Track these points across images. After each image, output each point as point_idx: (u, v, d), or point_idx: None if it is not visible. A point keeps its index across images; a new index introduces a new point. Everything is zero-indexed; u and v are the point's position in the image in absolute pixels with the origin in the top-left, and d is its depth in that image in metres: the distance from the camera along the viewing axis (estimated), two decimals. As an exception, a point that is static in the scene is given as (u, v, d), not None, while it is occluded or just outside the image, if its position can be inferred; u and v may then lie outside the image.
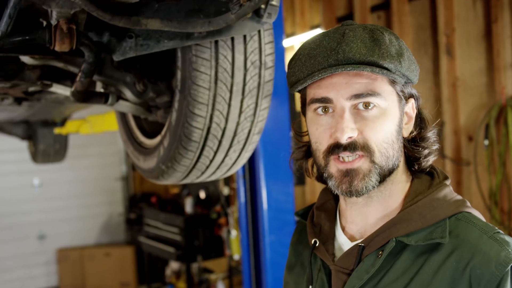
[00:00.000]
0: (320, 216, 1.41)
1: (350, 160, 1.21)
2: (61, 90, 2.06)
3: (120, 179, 9.34)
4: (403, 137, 1.29)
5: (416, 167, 1.31)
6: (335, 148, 1.21)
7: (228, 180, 6.19)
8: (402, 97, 1.25)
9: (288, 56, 6.41)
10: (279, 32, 3.65)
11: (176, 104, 1.89)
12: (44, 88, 1.98)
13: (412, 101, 1.29)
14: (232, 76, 1.80)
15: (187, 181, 2.11)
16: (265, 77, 1.87)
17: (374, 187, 1.23)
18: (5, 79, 1.86)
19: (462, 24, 4.42)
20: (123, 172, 9.42)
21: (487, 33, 4.31)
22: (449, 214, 1.21)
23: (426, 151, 1.30)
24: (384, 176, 1.23)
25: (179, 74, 1.85)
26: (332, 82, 1.20)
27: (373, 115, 1.20)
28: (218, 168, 2.05)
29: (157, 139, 2.14)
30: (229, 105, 1.85)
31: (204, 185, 7.39)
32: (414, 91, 1.30)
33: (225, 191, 6.41)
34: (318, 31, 5.87)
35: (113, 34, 1.74)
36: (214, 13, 1.64)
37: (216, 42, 1.76)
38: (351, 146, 1.19)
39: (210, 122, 1.85)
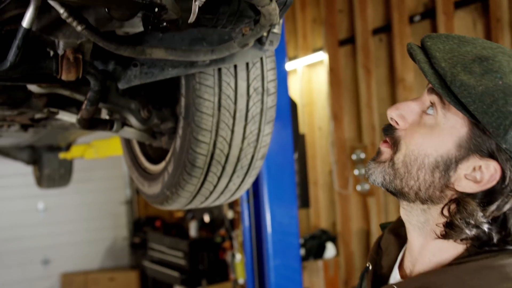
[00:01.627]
0: (390, 240, 1.29)
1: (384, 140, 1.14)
2: (67, 117, 2.09)
3: (125, 203, 9.36)
4: (456, 190, 1.05)
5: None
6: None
7: (233, 204, 6.19)
8: (474, 146, 1.01)
9: (290, 80, 6.48)
10: (281, 56, 3.69)
11: (180, 131, 1.91)
12: (51, 116, 2.01)
13: (492, 164, 1.00)
14: (235, 103, 1.84)
15: (191, 206, 2.13)
16: (268, 103, 1.90)
17: (377, 182, 1.12)
18: (13, 107, 1.89)
19: (463, 46, 4.45)
20: (128, 196, 9.44)
21: (488, 55, 4.35)
22: None
23: (468, 230, 1.03)
24: (395, 188, 1.11)
25: (183, 101, 1.88)
26: None
27: (425, 122, 1.07)
28: (222, 193, 2.07)
29: (162, 165, 2.16)
30: (233, 131, 1.87)
31: (208, 209, 7.39)
32: (503, 157, 0.99)
33: (230, 214, 6.41)
34: (321, 54, 5.93)
35: (118, 62, 1.77)
36: (217, 41, 1.68)
37: (219, 69, 1.80)
38: (387, 128, 1.13)
39: (213, 148, 1.87)
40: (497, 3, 4.10)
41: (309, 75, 6.36)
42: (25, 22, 1.35)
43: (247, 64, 1.83)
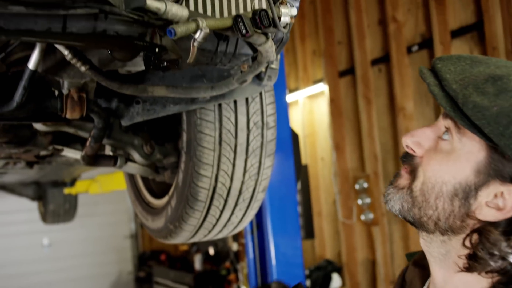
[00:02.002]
0: (414, 272, 1.22)
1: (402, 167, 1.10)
2: (72, 154, 2.13)
3: (129, 237, 9.35)
4: (478, 218, 0.99)
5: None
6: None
7: (237, 236, 6.19)
8: (493, 171, 0.96)
9: (291, 112, 6.54)
10: (282, 89, 3.75)
11: (182, 165, 1.95)
12: (56, 153, 2.05)
13: None
14: (236, 137, 1.88)
15: (194, 239, 2.15)
16: (268, 136, 1.94)
17: (394, 208, 1.07)
18: (19, 145, 1.94)
19: (461, 75, 4.51)
20: (132, 230, 9.44)
21: (486, 83, 4.39)
22: None
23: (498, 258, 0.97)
24: (413, 217, 1.06)
25: (184, 136, 1.92)
26: None
27: (441, 148, 1.02)
28: (224, 226, 2.09)
29: (165, 199, 2.19)
30: (234, 165, 1.91)
31: (213, 242, 7.38)
32: None
33: (234, 247, 6.40)
34: (322, 86, 6.00)
35: (121, 100, 1.82)
36: (217, 78, 1.72)
37: (220, 104, 1.84)
38: (405, 156, 1.09)
39: (215, 182, 1.91)
40: (492, 32, 4.17)
41: (310, 106, 6.42)
42: (31, 64, 1.40)
43: (247, 99, 1.87)
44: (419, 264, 1.21)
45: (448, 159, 1.00)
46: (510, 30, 4.03)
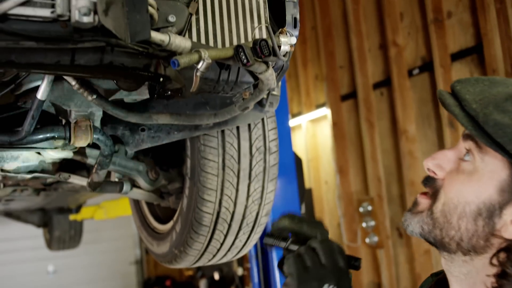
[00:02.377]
0: None
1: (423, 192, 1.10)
2: (78, 181, 2.17)
3: (134, 263, 9.33)
4: (504, 237, 0.99)
5: None
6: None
7: (242, 260, 6.19)
8: None
9: (295, 136, 6.58)
10: (284, 114, 3.79)
11: (186, 191, 1.99)
12: (63, 180, 2.09)
13: None
14: (239, 162, 1.91)
15: (199, 264, 2.18)
16: (270, 161, 1.98)
17: (415, 232, 1.07)
18: (28, 172, 1.98)
19: (462, 97, 4.55)
20: (137, 255, 9.42)
21: (487, 105, 4.43)
22: None
23: None
24: (434, 238, 1.06)
25: (188, 162, 1.96)
26: None
27: (463, 169, 1.02)
28: (229, 250, 2.12)
29: (170, 224, 2.23)
30: (237, 190, 1.94)
31: (218, 266, 7.37)
32: None
33: (239, 271, 6.39)
34: (324, 110, 6.05)
35: (127, 128, 1.87)
36: (220, 105, 1.77)
37: (223, 131, 1.89)
38: (426, 180, 1.09)
39: (219, 206, 1.94)
40: (491, 55, 4.22)
41: (313, 130, 6.47)
42: (40, 94, 1.45)
43: (249, 125, 1.92)
44: (441, 283, 1.18)
45: (471, 179, 1.00)
46: (509, 52, 4.08)
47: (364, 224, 5.56)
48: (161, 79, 1.27)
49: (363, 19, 5.64)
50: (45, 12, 1.02)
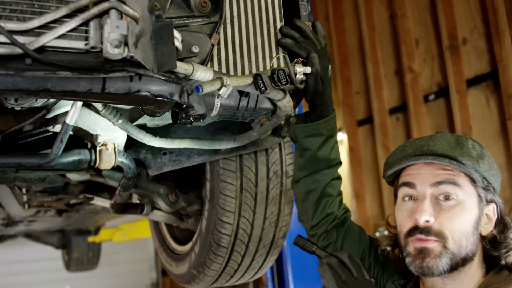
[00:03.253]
0: None
1: (425, 238, 1.34)
2: (101, 203, 2.24)
3: (151, 286, 9.34)
4: (482, 235, 1.39)
5: (497, 264, 1.38)
6: (414, 230, 1.35)
7: (258, 284, 6.19)
8: (483, 199, 1.38)
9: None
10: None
11: (206, 213, 2.05)
12: (87, 201, 2.17)
13: (493, 205, 1.40)
14: (256, 186, 1.97)
15: (217, 285, 2.23)
16: (287, 185, 2.04)
17: (445, 270, 1.33)
18: (52, 194, 2.05)
19: (478, 123, 4.58)
20: (153, 279, 9.43)
21: (503, 130, 4.45)
22: None
23: (504, 250, 1.37)
24: (457, 264, 1.33)
25: (208, 185, 2.03)
26: (419, 172, 1.39)
27: (450, 206, 1.34)
28: (246, 271, 2.17)
29: (188, 245, 2.28)
30: (254, 212, 2.00)
31: (234, 290, 7.36)
32: (496, 198, 1.41)
33: (255, 295, 6.37)
34: (340, 135, 6.09)
35: (149, 151, 1.94)
36: (239, 130, 1.84)
37: (241, 155, 1.95)
38: (426, 230, 1.33)
39: (237, 228, 2.00)
40: (507, 80, 4.25)
41: (330, 154, 6.51)
42: (68, 119, 1.53)
43: (267, 149, 1.98)
44: None
45: (462, 210, 1.34)
46: (524, 78, 4.12)
47: (380, 249, 5.55)
48: (184, 106, 1.34)
49: (379, 46, 5.71)
50: (79, 44, 1.10)
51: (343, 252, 1.45)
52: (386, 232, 5.19)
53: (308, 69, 1.45)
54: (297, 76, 1.45)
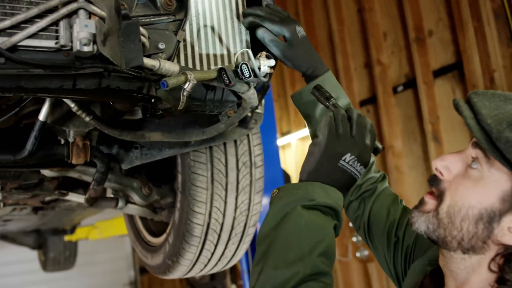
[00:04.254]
0: (431, 283, 1.31)
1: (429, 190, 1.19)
2: (75, 198, 2.29)
3: (129, 285, 9.35)
4: (501, 243, 1.09)
5: None
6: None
7: (235, 277, 6.27)
8: None
9: (284, 154, 6.71)
10: (272, 133, 3.92)
11: (178, 204, 2.11)
12: (61, 197, 2.22)
13: None
14: (227, 176, 2.05)
15: (192, 274, 2.30)
16: (256, 175, 2.12)
17: (421, 232, 1.17)
18: (28, 190, 2.10)
19: (445, 112, 4.71)
20: (131, 277, 9.44)
21: (469, 118, 4.57)
22: None
23: None
24: (445, 239, 1.14)
25: (179, 177, 2.09)
26: None
27: (469, 175, 1.11)
28: (219, 260, 2.24)
29: (163, 237, 2.35)
30: (225, 202, 2.08)
31: (211, 285, 7.43)
32: None
33: (233, 288, 6.45)
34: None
35: (121, 146, 2.00)
36: (207, 123, 1.90)
37: (211, 147, 2.02)
38: (433, 179, 1.18)
39: (209, 218, 2.07)
40: (471, 71, 4.39)
41: (302, 147, 6.60)
42: (42, 116, 1.58)
43: (235, 141, 2.06)
44: (436, 275, 1.28)
45: (476, 185, 1.08)
46: (488, 68, 4.24)
47: (354, 239, 5.66)
48: (153, 100, 1.40)
49: (348, 39, 5.82)
50: (50, 43, 1.16)
51: (356, 110, 1.30)
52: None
53: (272, 62, 1.52)
54: (261, 69, 1.52)
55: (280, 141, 6.64)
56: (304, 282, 1.07)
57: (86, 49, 1.16)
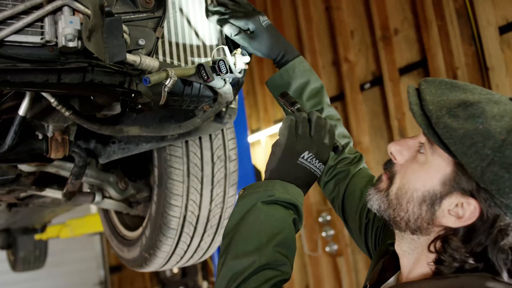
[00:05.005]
0: (391, 262, 1.35)
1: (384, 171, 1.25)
2: (52, 194, 2.32)
3: (99, 284, 9.30)
4: (443, 225, 1.13)
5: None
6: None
7: (207, 274, 6.32)
8: (457, 185, 1.09)
9: (254, 151, 6.78)
10: (243, 130, 3.99)
11: (155, 197, 2.16)
12: (38, 192, 2.24)
13: (472, 202, 1.07)
14: (202, 170, 2.11)
15: (168, 266, 2.35)
16: (230, 168, 2.18)
17: (374, 210, 1.23)
18: (4, 185, 2.12)
19: (410, 109, 4.82)
20: (101, 277, 9.39)
21: (433, 115, 4.70)
22: None
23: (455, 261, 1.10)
24: (394, 218, 1.19)
25: (156, 171, 2.14)
26: None
27: (417, 159, 1.16)
28: (195, 252, 2.30)
29: (139, 230, 2.39)
30: (201, 195, 2.13)
31: (183, 282, 7.45)
32: (485, 203, 1.06)
33: (205, 285, 6.50)
34: (282, 124, 6.25)
35: (99, 141, 2.04)
36: (184, 118, 1.96)
37: (187, 141, 2.08)
38: (387, 163, 1.24)
39: (185, 211, 2.12)
40: (435, 68, 4.52)
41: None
42: (21, 111, 1.62)
43: (210, 135, 2.12)
44: (396, 256, 1.30)
45: (421, 169, 1.14)
46: (451, 66, 4.38)
47: (323, 234, 5.75)
48: (133, 94, 1.45)
49: (316, 37, 5.91)
50: (36, 39, 1.20)
51: (316, 112, 1.37)
52: (328, 217, 5.37)
53: (247, 59, 1.59)
54: (237, 65, 1.58)
55: (250, 138, 6.71)
56: (261, 270, 1.16)
57: (71, 44, 1.21)
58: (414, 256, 1.20)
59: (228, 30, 1.61)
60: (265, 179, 1.34)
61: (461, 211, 1.08)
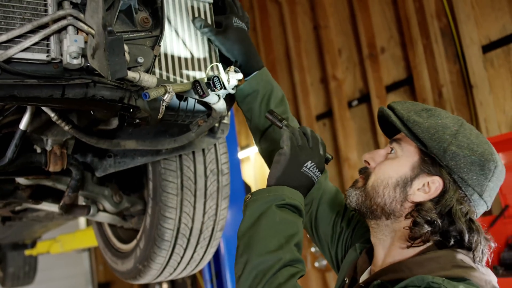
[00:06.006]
0: (364, 259, 1.54)
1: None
2: (47, 207, 2.36)
3: (87, 300, 9.28)
4: (414, 202, 1.37)
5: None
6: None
7: (197, 286, 6.33)
8: (425, 166, 1.37)
9: (244, 167, 6.84)
10: (234, 146, 4.05)
11: (149, 210, 2.22)
12: (35, 205, 2.29)
13: (436, 179, 1.36)
14: (195, 183, 2.17)
15: (162, 278, 2.39)
16: (223, 182, 2.25)
17: (353, 205, 1.45)
18: (2, 198, 2.17)
19: (397, 125, 4.91)
20: (90, 293, 9.37)
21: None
22: (435, 274, 1.22)
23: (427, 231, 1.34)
24: (371, 208, 1.41)
25: (150, 184, 2.20)
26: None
27: (388, 158, 1.45)
28: (188, 264, 2.35)
29: (133, 243, 2.44)
30: (194, 208, 2.20)
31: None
32: (448, 177, 1.35)
33: (194, 298, 6.50)
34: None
35: (95, 155, 2.10)
36: (178, 132, 2.02)
37: (180, 155, 2.14)
38: (362, 169, 1.50)
39: (179, 223, 2.18)
40: (421, 86, 4.63)
41: (261, 161, 6.70)
42: (22, 125, 1.68)
43: (203, 150, 2.18)
44: (369, 252, 1.54)
45: (393, 162, 1.42)
46: (436, 83, 4.48)
47: (313, 249, 5.79)
48: (132, 109, 1.52)
49: (304, 55, 6.01)
50: (42, 56, 1.27)
51: (308, 127, 1.55)
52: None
53: (240, 75, 1.67)
54: (230, 82, 1.66)
55: (240, 155, 6.77)
56: (285, 266, 1.28)
57: (75, 62, 1.28)
58: (388, 241, 1.43)
59: (198, 22, 1.70)
60: (272, 185, 1.45)
61: (427, 188, 1.38)
